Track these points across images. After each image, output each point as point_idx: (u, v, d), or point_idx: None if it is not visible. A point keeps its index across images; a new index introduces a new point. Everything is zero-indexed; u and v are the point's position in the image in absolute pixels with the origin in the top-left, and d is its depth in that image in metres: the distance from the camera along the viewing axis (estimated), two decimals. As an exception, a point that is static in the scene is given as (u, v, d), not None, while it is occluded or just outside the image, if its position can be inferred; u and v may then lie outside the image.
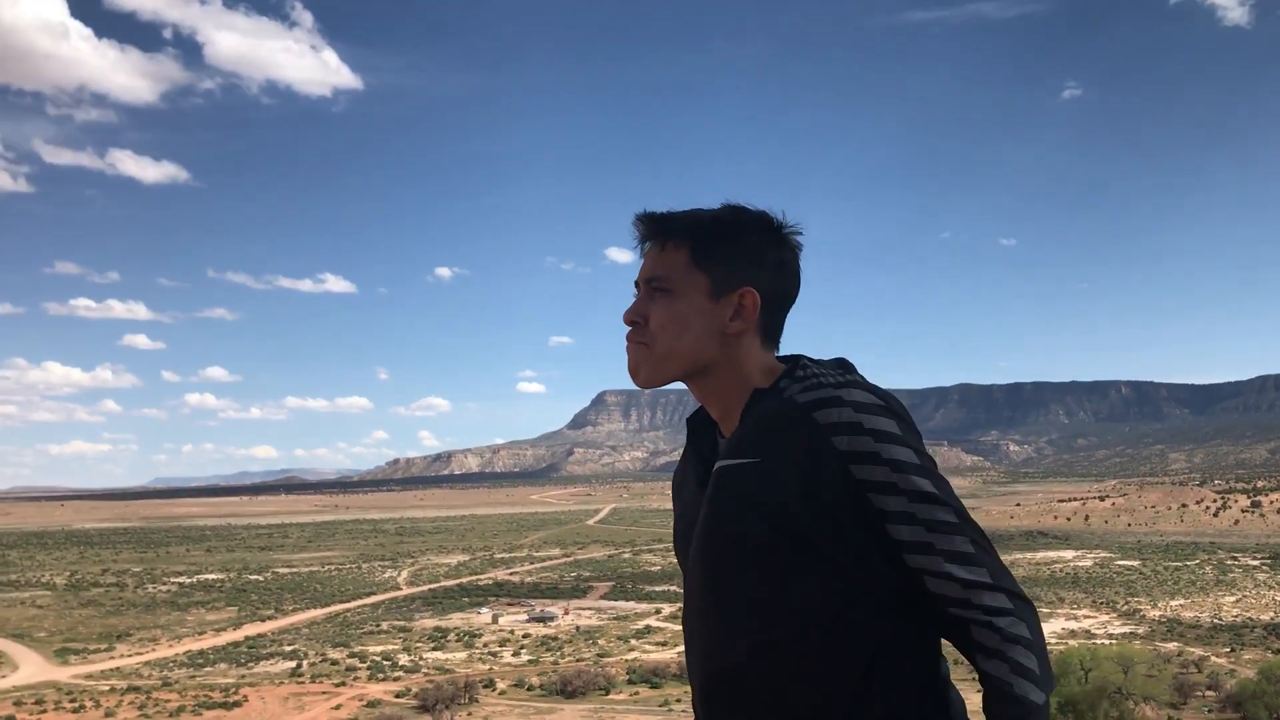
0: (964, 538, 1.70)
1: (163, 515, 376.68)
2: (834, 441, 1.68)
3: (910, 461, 1.70)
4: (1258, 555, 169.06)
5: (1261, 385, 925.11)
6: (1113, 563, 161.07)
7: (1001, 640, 1.67)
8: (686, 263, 1.86)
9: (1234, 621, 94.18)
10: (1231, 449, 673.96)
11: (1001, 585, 1.69)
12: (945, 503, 1.71)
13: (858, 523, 1.69)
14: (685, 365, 1.86)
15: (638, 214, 1.93)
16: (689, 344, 1.84)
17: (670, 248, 1.88)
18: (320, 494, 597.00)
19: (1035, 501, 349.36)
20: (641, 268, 1.92)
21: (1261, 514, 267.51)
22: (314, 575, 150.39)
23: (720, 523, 1.79)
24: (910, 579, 1.71)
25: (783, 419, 1.73)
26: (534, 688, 65.12)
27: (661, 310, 1.85)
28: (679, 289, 1.85)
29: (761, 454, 1.73)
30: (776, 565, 1.72)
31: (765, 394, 1.80)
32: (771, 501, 1.70)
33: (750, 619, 1.74)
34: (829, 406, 1.70)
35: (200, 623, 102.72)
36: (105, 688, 68.66)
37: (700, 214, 1.90)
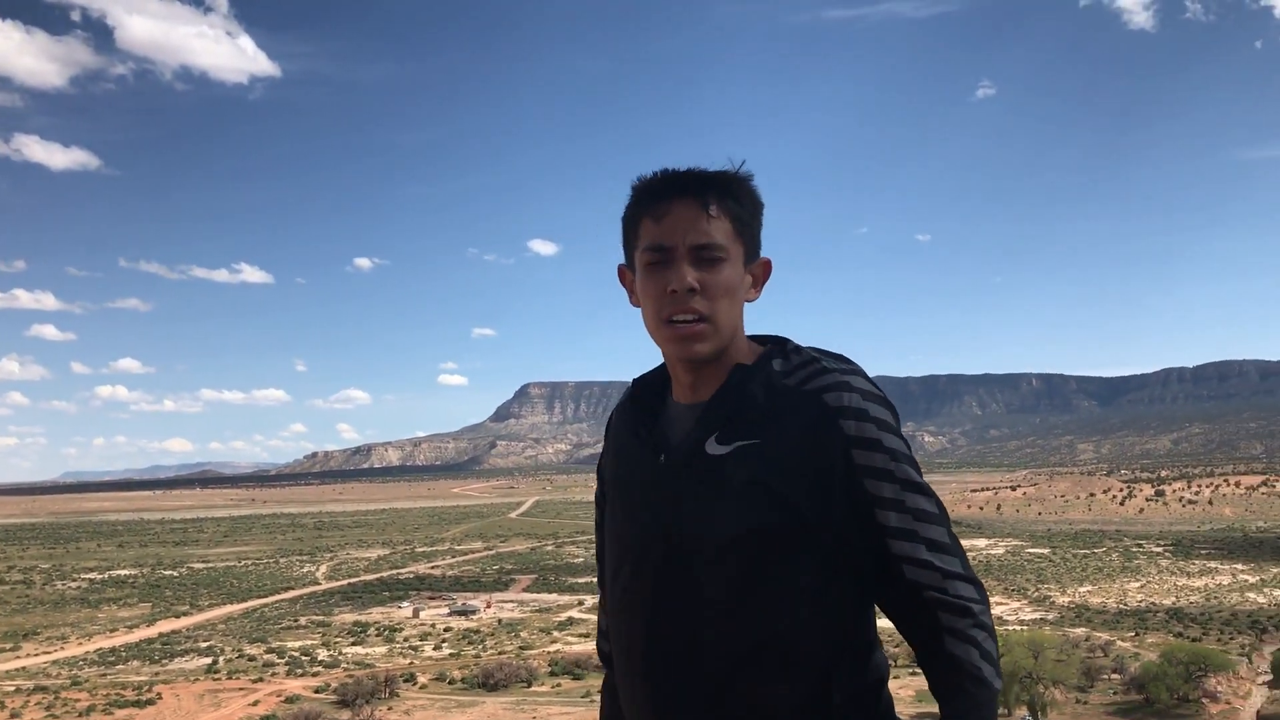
0: (942, 528, 1.75)
1: (73, 510, 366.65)
2: (842, 425, 1.70)
3: (903, 451, 1.74)
4: (1161, 542, 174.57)
5: (1165, 378, 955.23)
6: (1024, 551, 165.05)
7: (973, 625, 1.72)
8: (730, 230, 1.79)
9: (1138, 606, 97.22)
10: (1137, 440, 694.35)
11: (970, 576, 1.74)
12: (928, 493, 1.76)
13: (850, 506, 1.71)
14: (730, 339, 1.81)
15: (662, 171, 1.82)
16: (735, 317, 1.81)
17: (715, 212, 1.78)
18: (236, 488, 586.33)
19: (949, 491, 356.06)
20: (672, 229, 1.77)
21: (1165, 503, 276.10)
22: (230, 570, 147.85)
23: (711, 504, 1.74)
24: (886, 565, 1.74)
25: (790, 399, 1.73)
26: (455, 681, 64.88)
27: (719, 279, 1.76)
28: (731, 257, 1.79)
29: (763, 434, 1.72)
30: (768, 549, 1.71)
31: (753, 371, 1.78)
32: (773, 483, 1.69)
33: (752, 610, 1.72)
34: (839, 391, 1.72)
35: (112, 620, 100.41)
36: (10, 688, 66.79)
37: (731, 177, 1.82)
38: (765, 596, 1.71)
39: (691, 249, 1.75)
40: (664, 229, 1.76)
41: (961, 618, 1.72)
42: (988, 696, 1.71)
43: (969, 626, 1.72)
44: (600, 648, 2.10)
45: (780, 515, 1.69)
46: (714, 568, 1.72)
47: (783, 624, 1.71)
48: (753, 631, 1.71)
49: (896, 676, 68.65)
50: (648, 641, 1.79)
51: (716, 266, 1.75)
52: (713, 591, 1.73)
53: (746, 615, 1.71)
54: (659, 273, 1.76)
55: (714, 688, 1.72)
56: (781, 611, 1.71)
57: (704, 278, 1.75)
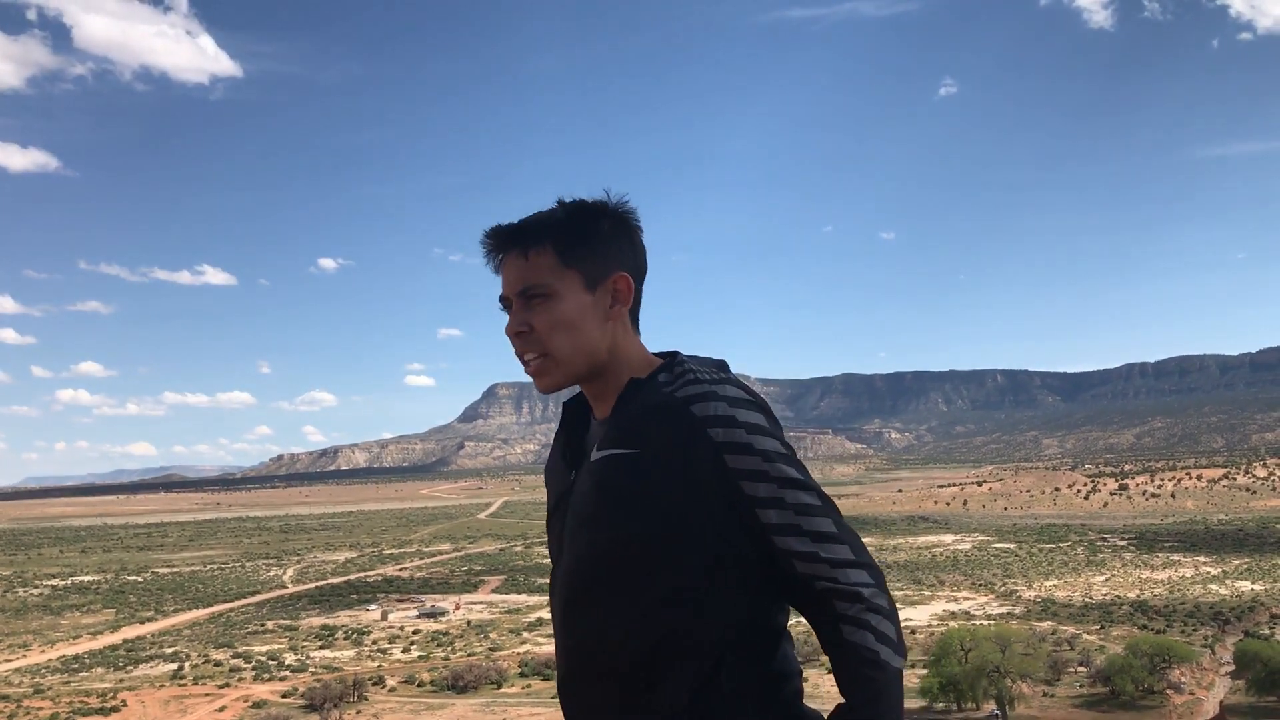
0: (827, 519, 1.81)
1: (34, 516, 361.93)
2: (710, 433, 1.78)
3: (778, 451, 1.80)
4: (1125, 536, 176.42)
5: (1128, 373, 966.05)
6: (990, 546, 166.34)
7: (865, 610, 1.79)
8: (555, 264, 1.91)
9: (1103, 600, 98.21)
10: (1100, 434, 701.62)
11: (862, 561, 1.81)
12: (809, 487, 1.82)
13: (729, 509, 1.79)
14: (586, 363, 1.94)
15: (487, 231, 1.97)
16: (585, 341, 1.92)
17: (534, 255, 1.92)
18: (201, 492, 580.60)
19: (916, 487, 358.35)
20: (506, 282, 1.96)
21: (1128, 496, 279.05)
22: (195, 575, 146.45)
23: (598, 511, 1.86)
24: (775, 561, 1.82)
25: (661, 411, 1.82)
26: (425, 684, 64.59)
27: (546, 316, 1.91)
28: (556, 291, 1.91)
29: (641, 445, 1.82)
30: (653, 553, 1.80)
31: (642, 385, 1.89)
32: (651, 490, 1.80)
33: (624, 607, 1.83)
34: (705, 400, 1.80)
35: (75, 626, 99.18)
36: (-27, 697, 65.83)
37: (550, 215, 1.96)
38: (638, 602, 1.82)
39: (518, 295, 1.92)
40: (502, 283, 1.96)
41: (853, 603, 1.79)
42: (888, 677, 1.78)
43: (861, 611, 1.79)
44: None
45: (649, 517, 1.80)
46: (592, 576, 1.86)
47: (654, 629, 1.81)
48: (638, 635, 1.82)
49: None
50: (559, 653, 1.96)
51: (545, 303, 1.91)
52: (574, 591, 1.90)
53: (629, 620, 1.82)
54: (509, 322, 1.96)
55: (613, 692, 1.86)
56: (650, 616, 1.81)
57: (532, 318, 1.92)
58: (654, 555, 1.81)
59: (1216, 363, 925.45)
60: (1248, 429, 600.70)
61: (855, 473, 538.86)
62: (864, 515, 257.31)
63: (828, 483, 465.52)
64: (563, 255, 1.91)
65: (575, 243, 1.92)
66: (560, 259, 1.91)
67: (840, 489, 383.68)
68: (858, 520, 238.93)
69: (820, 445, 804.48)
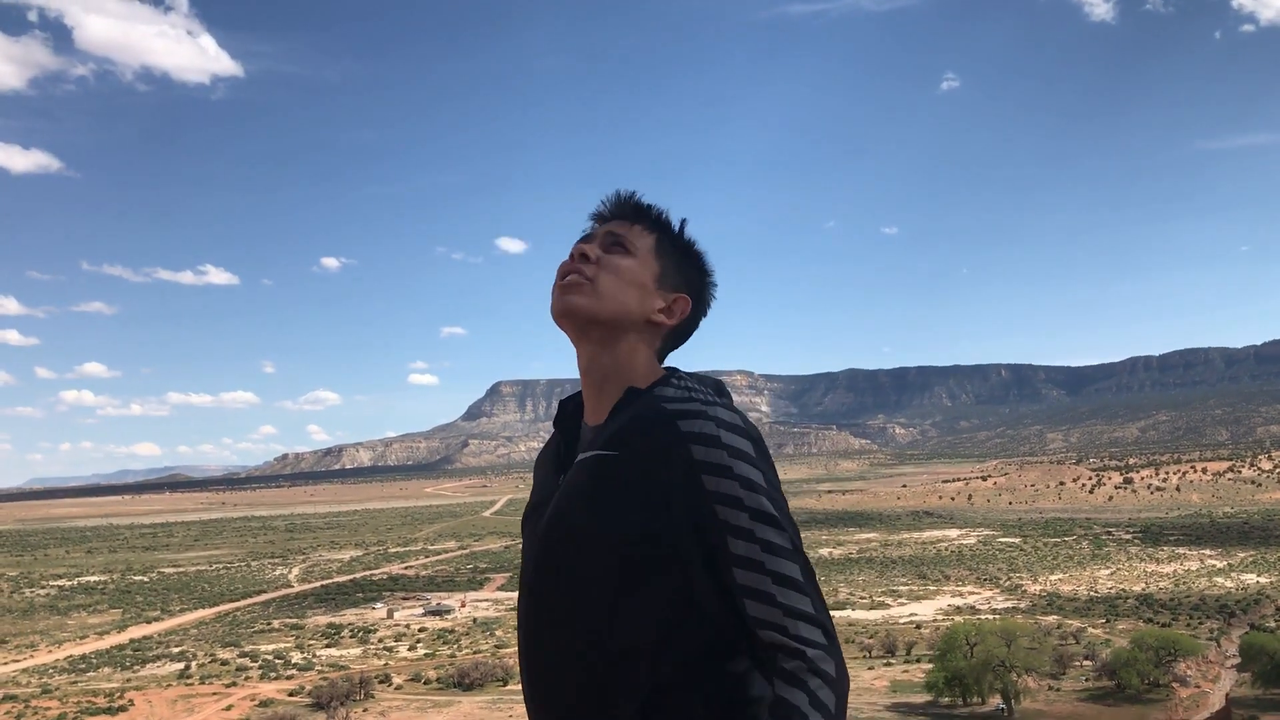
0: (795, 564, 1.74)
1: (40, 516, 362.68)
2: (692, 449, 1.74)
3: (759, 482, 1.74)
4: (1130, 530, 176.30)
5: (1132, 367, 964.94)
6: (995, 540, 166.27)
7: (807, 670, 1.69)
8: (649, 247, 2.01)
9: (1109, 594, 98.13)
10: (1105, 428, 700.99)
11: (820, 621, 1.73)
12: (783, 528, 1.74)
13: (700, 532, 1.74)
14: (610, 315, 1.95)
15: (620, 192, 2.04)
16: (623, 301, 1.95)
17: (639, 229, 2.02)
18: (206, 491, 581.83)
19: (921, 482, 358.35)
20: (603, 221, 2.07)
21: (1133, 490, 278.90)
22: (201, 574, 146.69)
23: (571, 509, 1.85)
24: (731, 596, 1.76)
25: (648, 421, 1.80)
26: (431, 681, 64.69)
27: (616, 260, 1.98)
28: (638, 259, 1.99)
29: (623, 450, 1.80)
30: (614, 561, 1.77)
31: (639, 394, 1.88)
32: (623, 497, 1.77)
33: (583, 610, 1.81)
34: (694, 417, 1.77)
35: (82, 626, 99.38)
36: (-20, 697, 66.02)
37: (668, 219, 2.07)
38: (594, 607, 1.80)
39: (605, 233, 2.01)
40: (597, 223, 2.06)
41: (794, 659, 1.71)
42: None
43: (802, 671, 1.70)
44: None
45: (617, 523, 1.78)
46: (557, 576, 1.87)
47: (624, 636, 1.78)
48: (594, 640, 1.80)
49: (871, 667, 69.03)
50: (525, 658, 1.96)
51: (621, 255, 1.98)
52: (535, 585, 1.93)
53: (587, 623, 1.80)
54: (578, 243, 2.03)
55: (568, 697, 1.84)
56: (605, 625, 1.78)
57: (604, 255, 1.99)
58: (618, 563, 1.77)
59: (1221, 356, 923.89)
60: (1252, 422, 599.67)
61: (859, 468, 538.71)
62: (868, 510, 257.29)
63: (832, 478, 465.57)
64: (659, 247, 2.01)
65: (674, 246, 2.02)
66: (656, 248, 2.00)
67: (844, 484, 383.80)
68: (862, 515, 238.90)
69: (824, 441, 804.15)
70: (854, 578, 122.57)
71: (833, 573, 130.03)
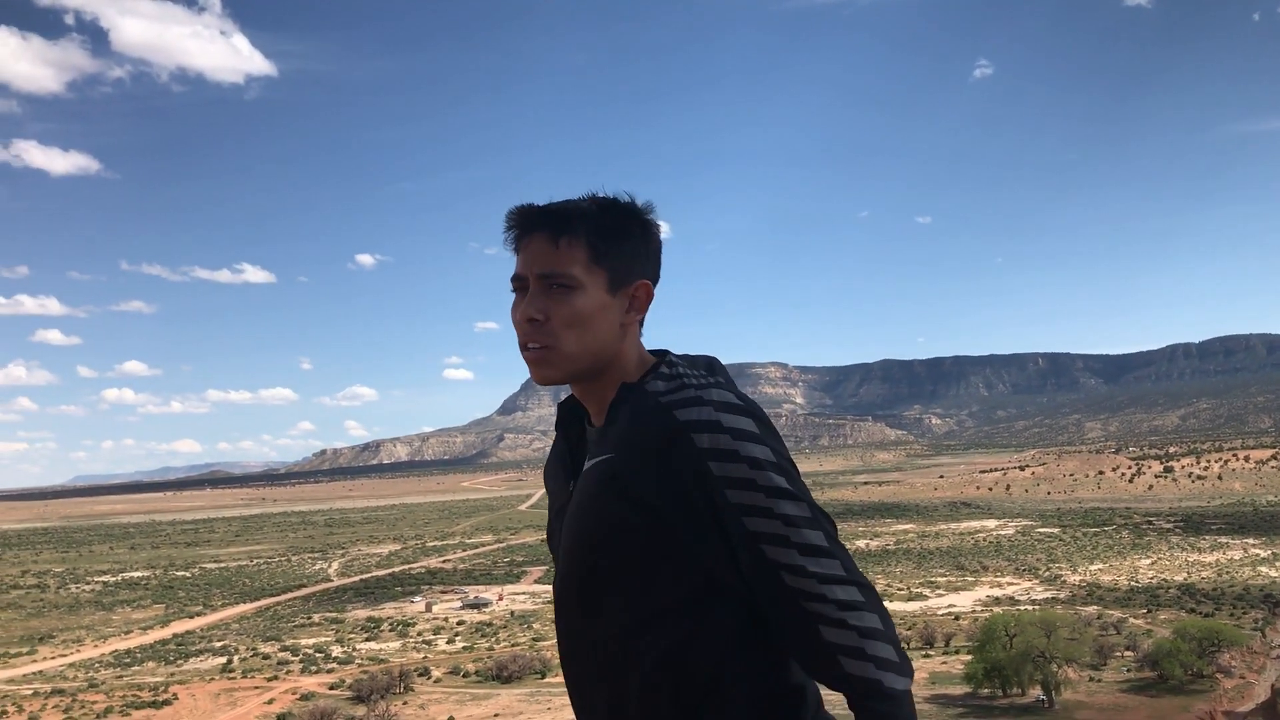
0: (818, 531, 1.71)
1: (84, 514, 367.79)
2: (694, 439, 1.70)
3: (767, 459, 1.70)
4: (1171, 519, 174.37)
5: (1172, 354, 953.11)
6: (1034, 530, 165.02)
7: (859, 637, 1.67)
8: (585, 258, 1.81)
9: (1150, 584, 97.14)
10: (1144, 416, 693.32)
11: (854, 578, 1.70)
12: (799, 498, 1.71)
13: (716, 518, 1.70)
14: (590, 363, 1.84)
15: (515, 208, 1.87)
16: (595, 342, 1.82)
17: (565, 244, 1.81)
18: (246, 487, 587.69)
19: (958, 473, 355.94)
20: (527, 261, 1.83)
21: (1174, 479, 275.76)
22: (242, 569, 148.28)
23: (586, 517, 1.80)
24: (764, 575, 1.71)
25: (646, 415, 1.75)
26: (469, 674, 65.06)
27: (565, 308, 1.80)
28: (582, 285, 1.81)
29: (625, 449, 1.75)
30: (638, 561, 1.74)
31: (632, 389, 1.81)
32: (634, 496, 1.72)
33: (613, 626, 1.77)
34: (691, 405, 1.72)
35: (126, 622, 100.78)
36: (28, 691, 67.12)
37: (588, 207, 1.86)
38: (635, 618, 1.75)
39: (539, 277, 1.80)
40: (520, 261, 1.83)
41: (845, 630, 1.68)
42: (893, 708, 1.68)
43: (856, 638, 1.67)
44: None
45: (634, 525, 1.73)
46: (581, 592, 1.81)
47: (657, 646, 1.74)
48: (629, 653, 1.75)
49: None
50: (565, 667, 1.91)
51: (566, 295, 1.79)
52: (588, 615, 1.82)
53: (618, 638, 1.76)
54: (516, 303, 1.83)
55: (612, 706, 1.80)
56: (653, 634, 1.74)
57: (551, 307, 1.79)
58: (637, 566, 1.74)
59: (1263, 342, 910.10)
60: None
61: (896, 459, 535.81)
62: (905, 502, 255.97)
63: (868, 469, 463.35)
64: (594, 250, 1.81)
65: (609, 241, 1.82)
66: (591, 253, 1.81)
67: (881, 476, 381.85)
68: (899, 507, 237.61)
69: (860, 432, 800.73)
70: (891, 569, 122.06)
71: (870, 564, 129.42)
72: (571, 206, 1.85)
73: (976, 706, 52.55)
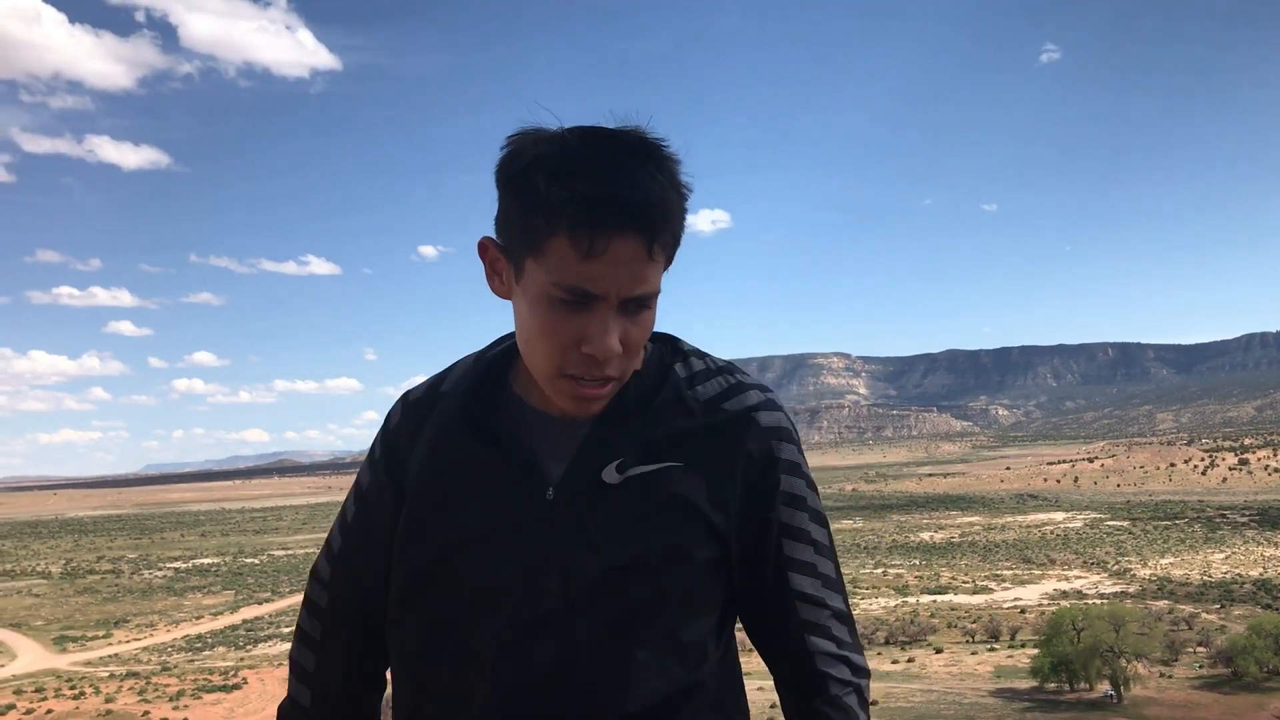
0: (832, 562, 1.52)
1: (156, 501, 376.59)
2: (775, 447, 1.44)
3: (812, 478, 1.51)
4: (1246, 512, 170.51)
5: (1248, 344, 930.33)
6: (1103, 523, 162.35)
7: (851, 675, 1.46)
8: (663, 262, 1.32)
9: (1223, 579, 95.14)
10: (1218, 408, 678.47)
11: (849, 613, 1.52)
12: (826, 523, 1.52)
13: (761, 535, 1.46)
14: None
15: (615, 191, 1.25)
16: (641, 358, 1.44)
17: (657, 251, 1.29)
18: (313, 476, 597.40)
19: (1025, 465, 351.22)
20: (611, 275, 1.26)
21: (1249, 471, 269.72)
22: (309, 557, 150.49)
23: (641, 539, 1.39)
24: (780, 602, 1.49)
25: (715, 418, 1.42)
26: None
27: (641, 331, 1.34)
28: (657, 294, 1.36)
29: (694, 457, 1.41)
30: (698, 587, 1.44)
31: (654, 381, 1.43)
32: (708, 510, 1.41)
33: (670, 654, 1.42)
34: (769, 410, 1.45)
35: (197, 607, 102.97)
36: (104, 674, 68.89)
37: (673, 195, 1.29)
38: (684, 646, 1.44)
39: (624, 301, 1.30)
40: (596, 273, 1.26)
41: (838, 666, 1.46)
42: None
43: (849, 675, 1.46)
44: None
45: (704, 543, 1.42)
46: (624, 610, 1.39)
47: (697, 666, 1.45)
48: (666, 675, 1.42)
49: (974, 652, 67.98)
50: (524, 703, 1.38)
51: (644, 315, 1.35)
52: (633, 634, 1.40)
53: (664, 656, 1.42)
54: (571, 317, 1.30)
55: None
56: (694, 649, 1.45)
57: (629, 330, 1.33)
58: (697, 593, 1.43)
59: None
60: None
61: (961, 451, 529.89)
62: (971, 494, 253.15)
63: (933, 461, 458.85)
64: (669, 251, 1.32)
65: (680, 234, 1.33)
66: (666, 255, 1.32)
67: (946, 467, 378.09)
68: (964, 499, 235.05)
69: (924, 423, 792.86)
70: (956, 562, 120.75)
71: (934, 557, 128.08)
72: (665, 197, 1.28)
73: (1043, 701, 51.84)
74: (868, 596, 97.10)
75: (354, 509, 1.53)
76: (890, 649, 69.26)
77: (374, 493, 1.48)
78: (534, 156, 1.30)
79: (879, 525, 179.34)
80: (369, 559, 1.48)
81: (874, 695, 54.19)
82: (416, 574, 1.41)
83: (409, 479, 1.44)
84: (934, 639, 71.37)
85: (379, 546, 1.47)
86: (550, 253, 1.28)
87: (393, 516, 1.44)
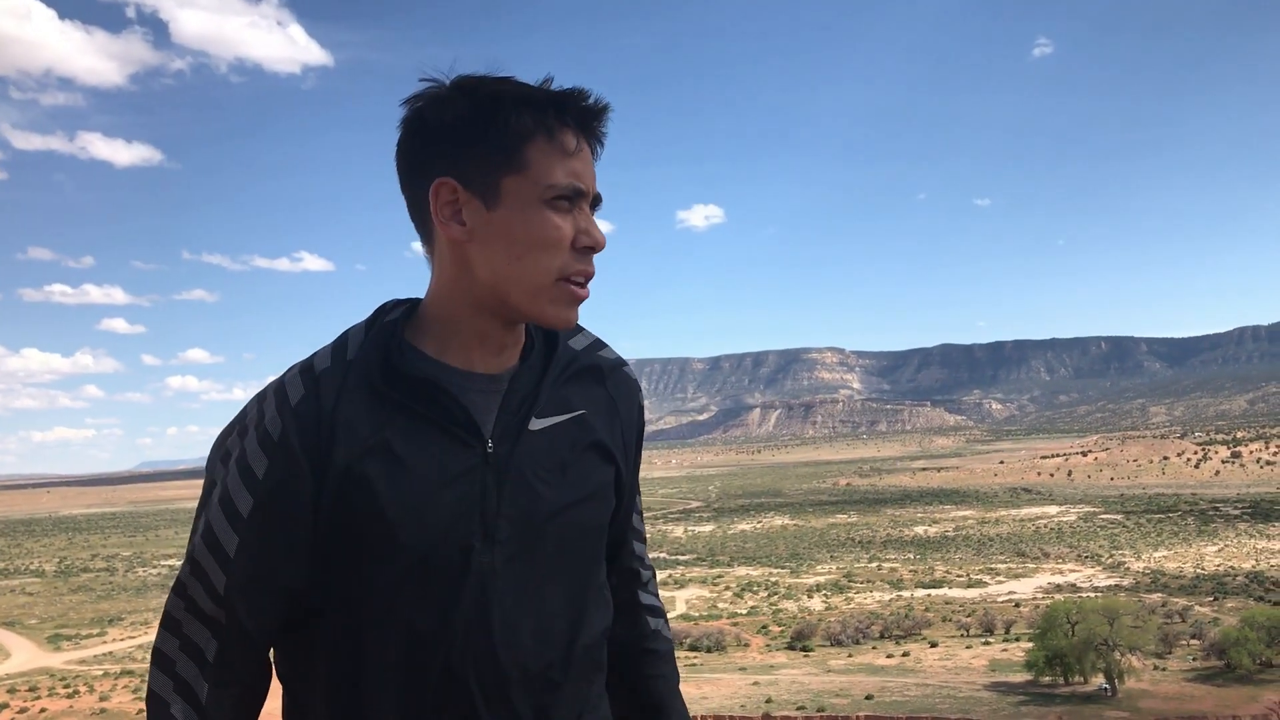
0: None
1: (150, 499, 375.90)
2: (639, 398, 1.61)
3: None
4: (1238, 505, 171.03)
5: (1240, 337, 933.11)
6: (1096, 516, 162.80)
7: (658, 600, 1.70)
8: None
9: (1216, 571, 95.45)
10: (1211, 401, 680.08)
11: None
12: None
13: (635, 473, 1.65)
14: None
15: (589, 95, 1.40)
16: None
17: (597, 152, 1.42)
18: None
19: (1018, 459, 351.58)
20: (591, 171, 1.40)
21: (1241, 464, 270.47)
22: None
23: (578, 482, 1.45)
24: (623, 522, 1.64)
25: (600, 371, 1.53)
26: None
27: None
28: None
29: (594, 404, 1.50)
30: (607, 522, 1.55)
31: (543, 335, 1.49)
32: (615, 452, 1.52)
33: (603, 591, 1.54)
34: (626, 366, 1.59)
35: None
36: (99, 672, 68.80)
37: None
38: (603, 571, 1.54)
39: (593, 198, 1.42)
40: (579, 169, 1.37)
41: (648, 573, 1.70)
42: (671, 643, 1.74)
43: (659, 602, 1.70)
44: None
45: (612, 480, 1.52)
46: (569, 551, 1.45)
47: (610, 601, 1.56)
48: (601, 620, 1.51)
49: (969, 646, 68.10)
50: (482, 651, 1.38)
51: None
52: (579, 573, 1.47)
53: (597, 601, 1.51)
54: (565, 218, 1.36)
55: (549, 691, 1.43)
56: (607, 586, 1.56)
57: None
58: (597, 524, 1.50)
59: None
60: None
61: (955, 445, 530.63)
62: (965, 488, 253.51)
63: (926, 455, 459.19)
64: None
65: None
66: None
67: (939, 461, 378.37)
68: (958, 493, 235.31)
69: (918, 417, 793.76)
70: (950, 556, 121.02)
71: (928, 551, 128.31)
72: (606, 111, 1.41)
73: (1037, 694, 51.99)
74: (862, 591, 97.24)
75: (247, 524, 1.37)
76: (885, 643, 69.41)
77: (281, 485, 1.35)
78: (478, 82, 1.39)
79: (873, 520, 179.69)
80: (283, 566, 1.37)
81: (869, 690, 54.01)
82: (359, 544, 1.35)
83: (333, 451, 1.35)
84: (928, 633, 71.55)
85: (295, 545, 1.36)
86: (534, 161, 1.33)
87: (311, 502, 1.35)
